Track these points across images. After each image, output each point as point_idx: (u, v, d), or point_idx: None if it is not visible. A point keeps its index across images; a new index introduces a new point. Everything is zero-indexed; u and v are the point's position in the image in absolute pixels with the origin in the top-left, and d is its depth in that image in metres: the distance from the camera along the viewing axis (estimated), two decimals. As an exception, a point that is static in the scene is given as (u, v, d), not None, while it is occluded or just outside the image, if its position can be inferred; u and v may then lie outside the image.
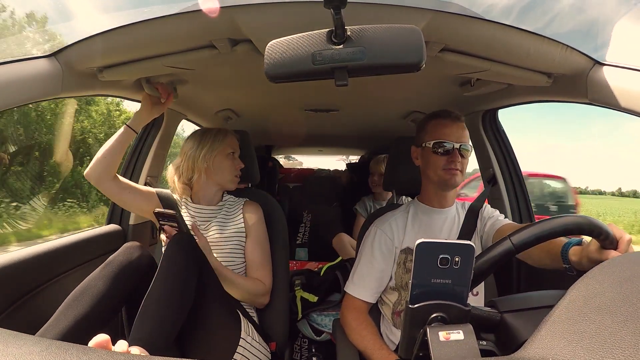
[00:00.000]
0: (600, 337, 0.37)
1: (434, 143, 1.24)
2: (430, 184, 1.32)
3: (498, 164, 1.77)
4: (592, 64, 1.03)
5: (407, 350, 0.58)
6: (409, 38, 0.61)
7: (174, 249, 1.11)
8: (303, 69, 0.62)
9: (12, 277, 1.13)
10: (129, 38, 1.01)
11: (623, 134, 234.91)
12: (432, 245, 0.55)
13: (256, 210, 1.53)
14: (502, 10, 22.95)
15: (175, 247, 1.11)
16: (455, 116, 1.27)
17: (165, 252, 1.10)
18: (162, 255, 1.10)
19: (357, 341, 1.20)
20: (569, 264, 0.86)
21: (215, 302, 1.16)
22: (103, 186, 1.37)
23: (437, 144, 1.24)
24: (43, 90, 1.01)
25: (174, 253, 1.09)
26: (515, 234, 0.68)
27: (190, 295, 1.06)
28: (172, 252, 1.09)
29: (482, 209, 1.32)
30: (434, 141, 1.24)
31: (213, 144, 1.48)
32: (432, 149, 1.24)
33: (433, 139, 1.25)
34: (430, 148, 1.25)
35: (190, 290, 1.06)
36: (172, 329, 0.99)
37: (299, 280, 2.17)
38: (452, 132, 1.24)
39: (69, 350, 0.41)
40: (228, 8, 0.89)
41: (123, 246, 1.20)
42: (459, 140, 1.23)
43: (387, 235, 1.29)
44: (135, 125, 1.38)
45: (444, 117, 1.27)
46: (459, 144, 1.22)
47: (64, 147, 8.96)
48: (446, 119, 1.26)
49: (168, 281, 1.03)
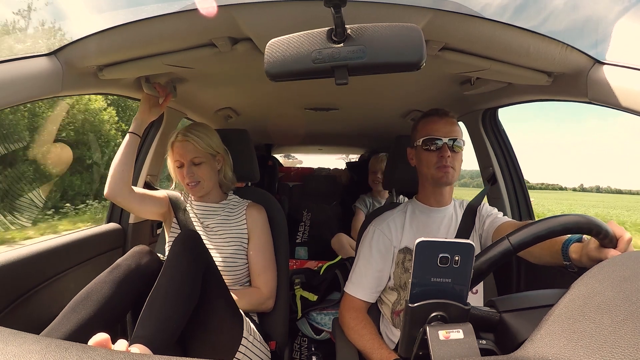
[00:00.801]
0: (600, 336, 0.37)
1: (423, 140, 1.25)
2: (426, 183, 1.32)
3: (498, 163, 1.77)
4: (592, 62, 1.03)
5: (407, 349, 0.58)
6: (409, 37, 0.61)
7: (179, 247, 1.09)
8: (303, 67, 0.62)
9: (12, 275, 1.13)
10: (129, 36, 1.01)
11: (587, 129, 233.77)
12: (432, 244, 0.55)
13: (259, 214, 1.51)
14: (498, 8, 23.11)
15: (180, 245, 1.10)
16: (443, 112, 1.27)
17: (171, 250, 1.09)
18: (167, 253, 1.08)
19: (356, 340, 1.20)
20: (570, 261, 0.86)
21: (219, 301, 1.15)
22: (125, 201, 1.35)
23: (426, 141, 1.24)
24: (43, 88, 1.01)
25: (179, 251, 1.08)
26: (513, 234, 0.68)
27: (195, 294, 1.05)
28: (177, 250, 1.08)
29: (480, 207, 1.32)
30: (423, 138, 1.25)
31: (170, 152, 1.46)
32: (423, 146, 1.25)
33: (422, 137, 1.26)
34: (421, 146, 1.26)
35: (195, 289, 1.05)
36: (176, 328, 0.98)
37: (299, 279, 2.17)
38: (440, 127, 1.24)
39: (69, 349, 0.41)
40: (228, 6, 0.89)
41: (132, 250, 1.19)
42: (448, 134, 1.23)
43: (386, 234, 1.29)
44: (137, 129, 1.38)
45: (432, 114, 1.28)
46: (447, 138, 1.22)
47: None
48: (434, 116, 1.27)
49: (173, 280, 1.02)
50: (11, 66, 0.93)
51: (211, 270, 1.15)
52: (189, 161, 1.41)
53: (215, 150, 1.46)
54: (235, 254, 1.42)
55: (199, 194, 1.47)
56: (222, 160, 1.51)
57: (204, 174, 1.43)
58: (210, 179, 1.46)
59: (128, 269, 1.12)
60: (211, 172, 1.46)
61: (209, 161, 1.45)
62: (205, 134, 1.44)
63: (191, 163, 1.42)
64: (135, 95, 1.45)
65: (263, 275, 1.44)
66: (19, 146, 8.63)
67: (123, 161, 1.33)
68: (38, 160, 8.92)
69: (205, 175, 1.43)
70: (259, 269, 1.44)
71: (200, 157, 1.42)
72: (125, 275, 1.10)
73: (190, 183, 1.42)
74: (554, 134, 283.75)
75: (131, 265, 1.13)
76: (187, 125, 1.48)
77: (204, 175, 1.43)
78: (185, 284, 1.02)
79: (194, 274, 1.06)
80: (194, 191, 1.45)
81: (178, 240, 1.12)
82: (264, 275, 1.44)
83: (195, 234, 1.16)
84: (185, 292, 1.02)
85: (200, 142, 1.41)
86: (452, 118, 1.27)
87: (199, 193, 1.46)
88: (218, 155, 1.49)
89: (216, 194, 1.53)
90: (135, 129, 1.37)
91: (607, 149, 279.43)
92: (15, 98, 0.93)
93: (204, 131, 1.45)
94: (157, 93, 1.42)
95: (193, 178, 1.41)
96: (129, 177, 1.34)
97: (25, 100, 0.97)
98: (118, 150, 1.35)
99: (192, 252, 1.09)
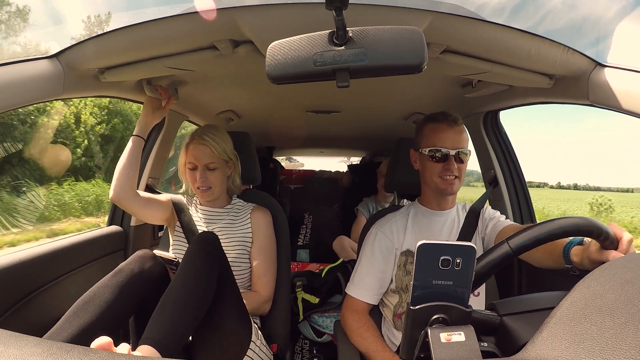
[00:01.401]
0: (602, 338, 0.37)
1: (429, 150, 1.23)
2: (429, 188, 1.31)
3: (499, 166, 1.77)
4: (594, 65, 1.03)
5: (408, 351, 0.58)
6: (411, 39, 0.61)
7: (195, 249, 1.07)
8: (304, 70, 0.62)
9: (13, 278, 1.13)
10: (130, 39, 1.02)
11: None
12: (434, 246, 0.55)
13: (264, 217, 1.51)
14: (495, 9, 22.57)
15: (196, 247, 1.08)
16: (453, 119, 1.24)
17: (187, 253, 1.07)
18: (184, 255, 1.07)
19: (358, 343, 1.20)
20: (571, 264, 0.86)
21: (231, 306, 1.13)
22: (129, 204, 1.36)
23: (433, 151, 1.22)
24: (44, 91, 1.01)
25: (195, 254, 1.06)
26: (513, 237, 0.68)
27: (209, 297, 1.03)
28: (193, 253, 1.06)
29: (483, 209, 1.32)
30: (430, 148, 1.23)
31: (183, 153, 1.45)
32: (428, 155, 1.23)
33: (429, 146, 1.23)
34: (427, 154, 1.24)
35: (209, 292, 1.03)
36: (186, 331, 0.96)
37: (300, 281, 2.17)
38: (448, 137, 1.22)
39: (71, 352, 0.41)
40: (229, 9, 0.89)
41: (135, 254, 1.19)
42: (456, 146, 1.21)
43: (388, 237, 1.28)
44: (141, 132, 1.38)
45: (441, 121, 1.24)
46: (455, 150, 1.21)
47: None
48: (442, 123, 1.24)
49: (187, 282, 1.00)
50: (12, 69, 0.93)
51: (226, 274, 1.13)
52: (204, 165, 1.41)
53: (229, 156, 1.46)
54: (239, 257, 1.42)
55: (209, 198, 1.47)
56: (232, 167, 1.51)
57: (216, 180, 1.43)
58: (221, 185, 1.46)
59: (131, 274, 1.11)
60: (223, 178, 1.46)
61: (222, 167, 1.44)
62: (221, 139, 1.43)
63: (206, 168, 1.41)
64: (136, 97, 1.45)
65: (263, 278, 1.43)
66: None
67: (128, 164, 1.33)
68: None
69: (217, 181, 1.43)
70: (260, 272, 1.44)
71: (215, 163, 1.42)
72: (128, 279, 1.10)
73: (201, 187, 1.41)
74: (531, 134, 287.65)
75: (134, 269, 1.12)
76: (204, 128, 1.47)
77: (216, 181, 1.43)
78: (199, 287, 1.01)
79: (209, 277, 1.04)
80: (204, 195, 1.44)
81: (195, 242, 1.10)
82: (264, 279, 1.43)
83: (212, 235, 1.14)
84: (198, 295, 1.00)
85: (217, 147, 1.41)
86: (460, 126, 1.25)
87: (208, 198, 1.46)
88: (230, 162, 1.48)
89: (223, 199, 1.53)
90: (139, 132, 1.38)
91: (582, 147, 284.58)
92: (16, 101, 0.93)
93: (221, 136, 1.44)
94: (159, 95, 1.43)
95: (205, 183, 1.41)
96: (134, 180, 1.34)
97: (26, 102, 0.97)
98: (122, 153, 1.35)
99: (209, 254, 1.08)
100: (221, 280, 1.09)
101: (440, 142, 1.22)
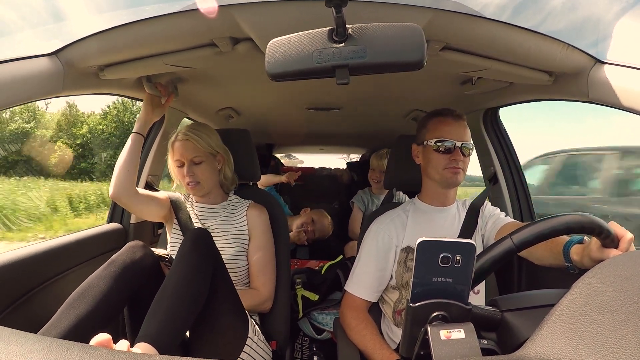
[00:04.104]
0: (602, 336, 0.37)
1: (435, 141, 1.23)
2: (431, 183, 1.31)
3: (499, 163, 1.77)
4: (593, 62, 1.03)
5: (408, 349, 0.58)
6: (410, 36, 0.61)
7: (189, 245, 1.08)
8: (304, 67, 0.62)
9: (13, 275, 1.13)
10: (130, 36, 1.01)
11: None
12: (433, 243, 0.55)
13: (261, 214, 1.51)
14: (497, 8, 22.94)
15: (190, 243, 1.09)
16: (457, 114, 1.26)
17: (180, 248, 1.08)
18: (177, 251, 1.08)
19: (357, 340, 1.20)
20: (571, 263, 0.86)
21: (227, 300, 1.14)
22: (129, 202, 1.36)
23: (439, 142, 1.23)
24: (44, 88, 1.01)
25: (189, 249, 1.07)
26: (516, 233, 0.68)
27: (204, 293, 1.03)
28: (187, 249, 1.07)
29: (483, 206, 1.32)
30: (436, 139, 1.23)
31: (170, 152, 1.45)
32: (434, 147, 1.24)
33: (435, 137, 1.24)
34: (432, 146, 1.24)
35: (204, 288, 1.04)
36: (182, 327, 0.97)
37: (300, 278, 2.17)
38: (453, 130, 1.23)
39: (71, 349, 0.41)
40: (229, 6, 0.89)
41: (126, 245, 1.19)
42: (461, 138, 1.23)
43: (387, 233, 1.28)
44: (141, 129, 1.38)
45: (446, 115, 1.26)
46: (460, 142, 1.22)
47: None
48: (448, 117, 1.26)
49: (181, 278, 1.00)
50: (12, 66, 0.93)
51: (220, 270, 1.14)
52: (189, 160, 1.41)
53: (215, 149, 1.46)
54: (236, 255, 1.42)
55: (200, 193, 1.47)
56: (222, 160, 1.50)
57: (204, 174, 1.43)
58: (210, 179, 1.46)
59: (123, 264, 1.12)
60: (211, 171, 1.46)
61: (209, 160, 1.45)
62: (205, 134, 1.44)
63: (191, 162, 1.42)
64: (136, 95, 1.45)
65: (262, 276, 1.44)
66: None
67: (128, 161, 1.33)
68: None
69: (205, 174, 1.43)
70: (258, 270, 1.44)
71: (201, 157, 1.42)
72: (121, 270, 1.10)
73: (190, 182, 1.42)
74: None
75: (126, 260, 1.13)
76: (188, 125, 1.48)
77: (204, 175, 1.43)
78: (193, 283, 1.01)
79: (203, 273, 1.05)
80: (194, 191, 1.45)
81: (188, 238, 1.11)
82: (263, 277, 1.43)
83: (205, 232, 1.15)
84: (193, 291, 1.01)
85: (201, 142, 1.41)
86: (464, 121, 1.27)
87: (199, 193, 1.46)
88: (218, 155, 1.48)
89: (217, 194, 1.53)
90: (139, 129, 1.38)
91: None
92: (15, 98, 0.93)
93: (205, 130, 1.45)
94: (159, 93, 1.42)
95: (193, 177, 1.41)
96: (134, 177, 1.35)
97: (26, 100, 0.96)
98: (122, 151, 1.35)
99: (202, 250, 1.08)
100: (215, 276, 1.09)
101: (446, 133, 1.23)
